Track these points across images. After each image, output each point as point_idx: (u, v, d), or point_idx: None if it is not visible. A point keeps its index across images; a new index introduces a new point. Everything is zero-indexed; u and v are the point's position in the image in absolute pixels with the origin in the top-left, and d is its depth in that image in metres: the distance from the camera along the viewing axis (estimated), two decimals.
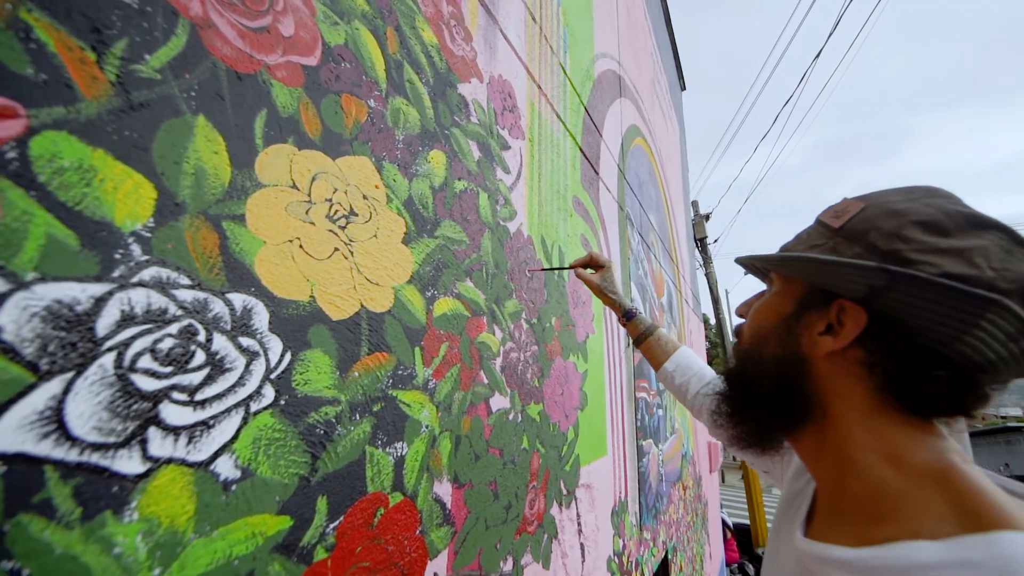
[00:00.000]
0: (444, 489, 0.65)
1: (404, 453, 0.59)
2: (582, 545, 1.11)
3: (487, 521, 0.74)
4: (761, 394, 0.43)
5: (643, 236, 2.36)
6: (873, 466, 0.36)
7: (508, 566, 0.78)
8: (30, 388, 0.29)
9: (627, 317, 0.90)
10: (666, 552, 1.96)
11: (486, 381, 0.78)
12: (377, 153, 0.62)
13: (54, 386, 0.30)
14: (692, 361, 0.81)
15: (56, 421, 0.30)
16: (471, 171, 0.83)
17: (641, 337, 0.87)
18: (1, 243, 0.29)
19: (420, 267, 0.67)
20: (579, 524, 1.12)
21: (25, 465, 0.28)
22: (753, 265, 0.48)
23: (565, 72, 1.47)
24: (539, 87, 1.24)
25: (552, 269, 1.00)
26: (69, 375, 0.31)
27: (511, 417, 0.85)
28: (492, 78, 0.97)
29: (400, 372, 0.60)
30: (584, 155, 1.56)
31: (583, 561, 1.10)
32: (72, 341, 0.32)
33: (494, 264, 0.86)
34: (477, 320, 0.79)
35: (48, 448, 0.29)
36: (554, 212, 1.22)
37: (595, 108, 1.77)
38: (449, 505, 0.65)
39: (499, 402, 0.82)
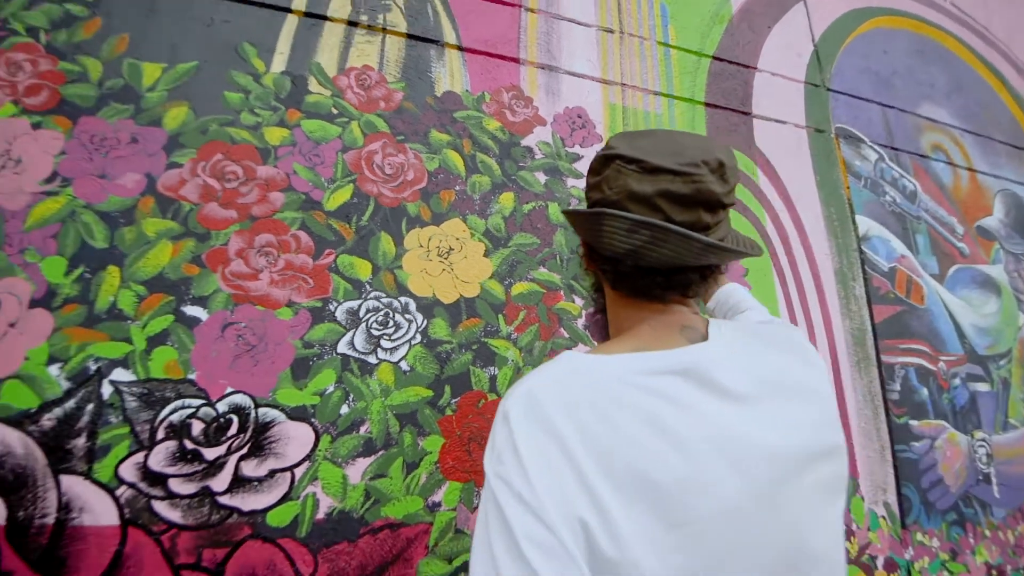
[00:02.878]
0: None
1: (496, 374, 1.03)
2: None
3: None
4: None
5: (898, 147, 1.74)
6: (613, 338, 0.53)
7: None
8: (343, 335, 0.96)
9: None
10: None
11: (567, 335, 1.10)
12: (463, 212, 1.12)
13: (350, 335, 0.96)
14: (730, 295, 0.83)
15: (351, 344, 0.95)
16: (538, 193, 1.20)
17: None
18: (318, 292, 0.98)
19: (498, 268, 1.10)
20: None
21: (344, 357, 0.94)
22: None
23: (667, 45, 1.52)
24: (622, 84, 1.42)
25: None
26: (354, 331, 0.97)
27: None
28: (556, 116, 1.29)
29: (489, 329, 1.05)
30: (713, 107, 1.51)
31: None
32: (353, 320, 0.97)
33: (568, 251, 1.17)
34: (553, 294, 1.13)
35: (351, 352, 0.95)
36: None
37: (736, 46, 1.63)
38: None
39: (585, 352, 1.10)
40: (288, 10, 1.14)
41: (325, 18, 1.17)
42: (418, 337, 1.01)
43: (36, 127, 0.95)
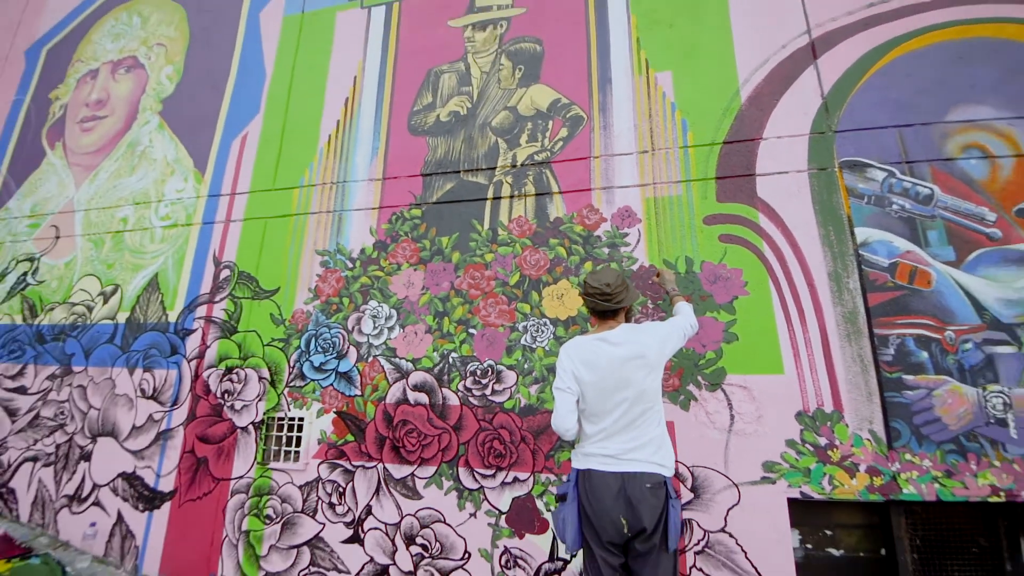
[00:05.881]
0: None
1: None
2: (733, 416, 2.02)
3: None
4: None
5: (912, 160, 2.14)
6: (592, 329, 1.72)
7: None
8: (521, 336, 2.36)
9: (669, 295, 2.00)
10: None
11: None
12: (567, 275, 2.40)
13: (524, 336, 2.35)
14: (679, 310, 1.85)
15: (524, 339, 2.34)
16: (604, 259, 2.37)
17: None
18: (511, 320, 2.39)
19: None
20: (729, 403, 2.04)
21: (523, 346, 2.34)
22: None
23: (686, 147, 2.47)
24: (654, 183, 2.45)
25: (654, 282, 2.21)
26: (525, 335, 2.36)
27: None
28: (612, 214, 2.44)
29: (582, 331, 2.29)
30: (722, 178, 2.35)
31: (731, 422, 2.01)
32: (524, 329, 2.36)
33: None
34: None
35: (526, 343, 2.34)
36: (677, 238, 2.32)
37: (743, 127, 2.41)
38: None
39: None
40: (486, 198, 2.68)
41: (500, 198, 2.65)
42: (551, 336, 2.32)
43: (415, 270, 2.69)
